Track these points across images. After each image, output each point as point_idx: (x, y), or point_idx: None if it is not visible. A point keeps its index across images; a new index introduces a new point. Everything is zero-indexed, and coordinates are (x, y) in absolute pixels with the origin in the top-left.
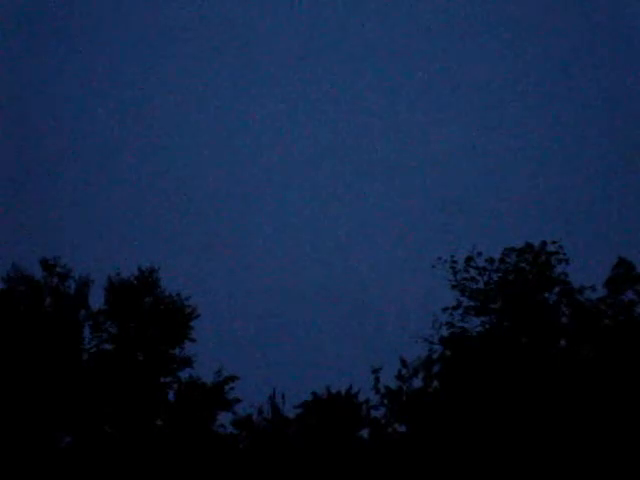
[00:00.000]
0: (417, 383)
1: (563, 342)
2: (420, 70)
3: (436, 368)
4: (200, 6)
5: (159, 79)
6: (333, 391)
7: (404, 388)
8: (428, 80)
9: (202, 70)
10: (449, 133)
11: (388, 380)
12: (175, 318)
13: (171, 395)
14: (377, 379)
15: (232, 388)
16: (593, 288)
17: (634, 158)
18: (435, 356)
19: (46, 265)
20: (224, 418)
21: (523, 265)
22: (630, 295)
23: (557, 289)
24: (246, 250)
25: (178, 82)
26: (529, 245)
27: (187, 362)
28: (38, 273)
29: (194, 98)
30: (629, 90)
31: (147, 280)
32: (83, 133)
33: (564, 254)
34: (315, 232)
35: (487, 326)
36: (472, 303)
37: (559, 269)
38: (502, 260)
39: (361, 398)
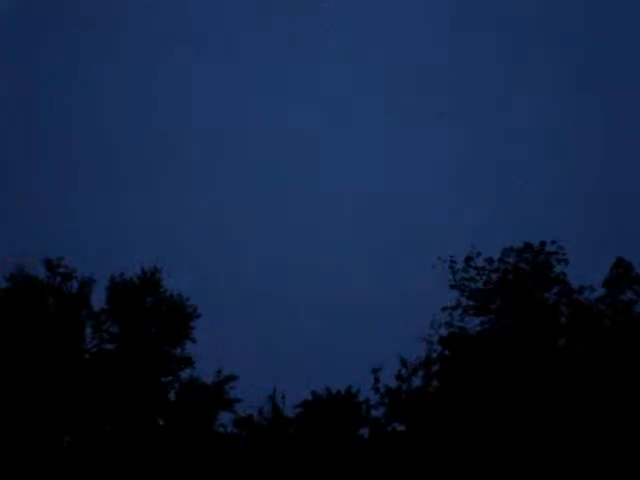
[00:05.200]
0: (416, 382)
1: (562, 341)
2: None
3: (435, 368)
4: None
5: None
6: (333, 391)
7: (404, 387)
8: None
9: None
10: (450, 133)
11: (388, 380)
12: (176, 318)
13: (172, 395)
14: (377, 379)
15: (232, 388)
16: (592, 288)
17: (634, 155)
18: (434, 356)
19: (49, 265)
20: (224, 418)
21: (522, 265)
22: (629, 295)
23: (556, 289)
24: (247, 250)
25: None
26: (528, 245)
27: (188, 362)
28: (41, 273)
29: (195, 96)
30: (630, 84)
31: (149, 280)
32: (84, 132)
33: (563, 254)
34: (315, 233)
35: (486, 326)
36: (471, 303)
37: (558, 269)
38: (501, 260)
39: (361, 398)
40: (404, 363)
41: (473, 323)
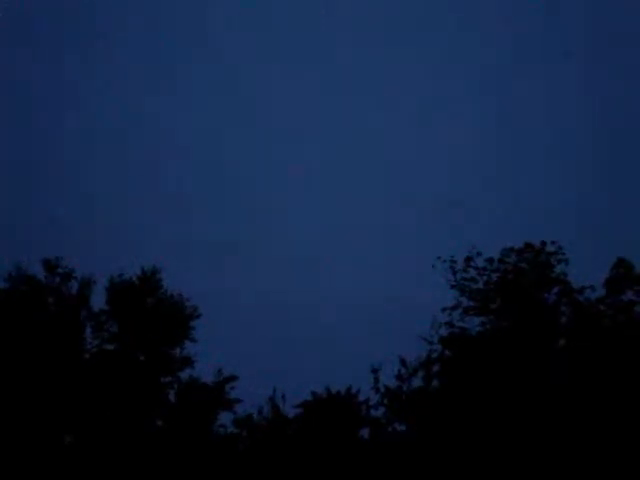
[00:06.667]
0: (417, 383)
1: (562, 342)
2: (423, 61)
3: (435, 368)
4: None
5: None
6: (333, 391)
7: (404, 388)
8: (430, 73)
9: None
10: (449, 131)
11: (388, 380)
12: (176, 318)
13: (172, 395)
14: (376, 379)
15: (232, 388)
16: (593, 288)
17: (634, 155)
18: (434, 356)
19: (48, 265)
20: (224, 418)
21: (522, 265)
22: (629, 295)
23: (556, 289)
24: (247, 250)
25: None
26: (529, 245)
27: (188, 362)
28: (40, 273)
29: (198, 97)
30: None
31: (149, 281)
32: (85, 132)
33: (563, 254)
34: (315, 232)
35: (487, 326)
36: (471, 303)
37: (558, 269)
38: (501, 260)
39: (361, 398)
40: (404, 363)
41: (473, 323)
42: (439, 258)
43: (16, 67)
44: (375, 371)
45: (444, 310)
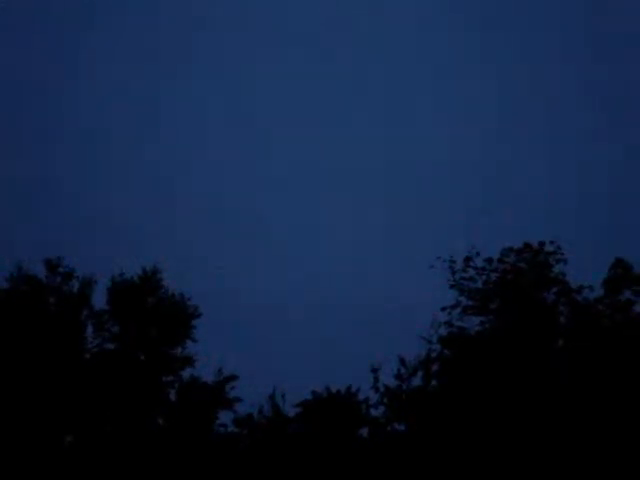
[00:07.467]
0: (416, 382)
1: (561, 341)
2: (429, 64)
3: (435, 367)
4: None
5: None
6: (333, 390)
7: (403, 387)
8: (432, 77)
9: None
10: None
11: (387, 379)
12: (177, 318)
13: (172, 394)
14: (376, 379)
15: (233, 387)
16: (591, 288)
17: (634, 155)
18: (434, 355)
19: (50, 265)
20: (225, 417)
21: (521, 265)
22: (628, 295)
23: (555, 289)
24: (247, 250)
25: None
26: (527, 245)
27: (188, 361)
28: (41, 273)
29: (201, 99)
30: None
31: (150, 280)
32: (87, 131)
33: (562, 254)
34: (315, 232)
35: (486, 325)
36: (471, 302)
37: (557, 269)
38: (501, 260)
39: (360, 397)
40: (403, 363)
41: (473, 323)
42: (438, 258)
43: (16, 67)
44: (375, 371)
45: (443, 309)
